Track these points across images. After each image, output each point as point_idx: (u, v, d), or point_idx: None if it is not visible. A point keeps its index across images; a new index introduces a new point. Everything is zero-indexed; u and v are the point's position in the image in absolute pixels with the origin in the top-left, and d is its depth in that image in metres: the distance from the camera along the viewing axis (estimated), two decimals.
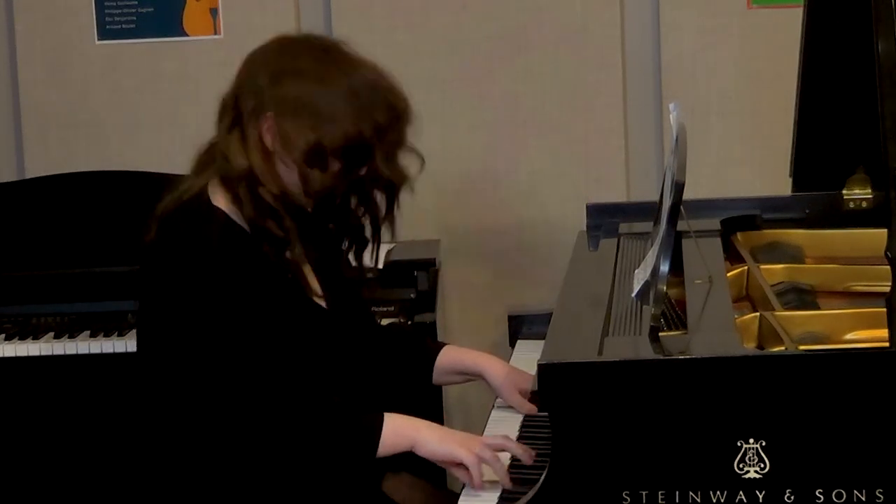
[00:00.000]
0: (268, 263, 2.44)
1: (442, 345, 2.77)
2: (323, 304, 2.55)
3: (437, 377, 2.73)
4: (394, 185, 2.55)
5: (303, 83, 2.43)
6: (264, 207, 2.44)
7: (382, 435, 2.38)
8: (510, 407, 2.68)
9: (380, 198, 2.59)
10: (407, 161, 2.56)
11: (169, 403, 2.41)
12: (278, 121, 2.42)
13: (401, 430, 2.39)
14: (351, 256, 2.67)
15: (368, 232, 2.63)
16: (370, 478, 2.56)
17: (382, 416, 2.40)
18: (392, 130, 2.48)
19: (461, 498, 2.31)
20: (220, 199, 2.46)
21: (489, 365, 2.72)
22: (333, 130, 2.41)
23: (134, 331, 3.57)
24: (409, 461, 2.49)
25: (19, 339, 3.62)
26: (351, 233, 2.62)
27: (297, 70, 2.44)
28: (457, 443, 2.37)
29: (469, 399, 3.90)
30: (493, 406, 2.72)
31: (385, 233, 2.66)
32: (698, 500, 2.11)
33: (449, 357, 2.73)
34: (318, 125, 2.41)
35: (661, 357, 2.20)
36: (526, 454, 2.35)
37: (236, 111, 2.47)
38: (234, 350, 2.37)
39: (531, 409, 2.62)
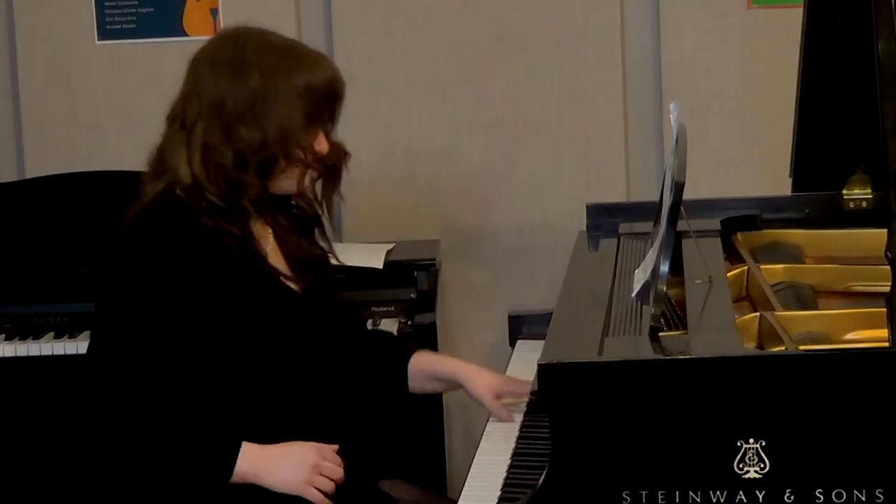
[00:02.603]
0: (233, 256, 2.44)
1: (414, 349, 2.72)
2: (295, 287, 2.55)
3: (414, 384, 2.70)
4: (335, 166, 2.55)
5: (235, 80, 2.44)
6: (216, 209, 2.44)
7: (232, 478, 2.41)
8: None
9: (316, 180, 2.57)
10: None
11: (101, 398, 2.42)
12: (221, 116, 2.43)
13: (249, 479, 2.41)
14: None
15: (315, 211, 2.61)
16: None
17: (234, 458, 2.40)
18: (326, 112, 2.50)
19: (461, 499, 2.31)
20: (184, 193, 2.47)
21: (467, 372, 2.68)
22: (270, 123, 2.42)
23: None
24: (404, 466, 2.50)
25: (19, 339, 3.62)
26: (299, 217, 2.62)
27: (228, 66, 2.45)
28: (302, 489, 2.42)
29: (469, 399, 3.90)
30: None
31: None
32: (698, 500, 2.11)
33: (421, 361, 2.70)
34: (258, 120, 2.43)
35: (661, 357, 2.20)
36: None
37: (183, 114, 2.48)
38: (150, 358, 2.38)
39: (507, 416, 2.61)
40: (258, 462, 2.41)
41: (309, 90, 2.45)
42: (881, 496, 2.10)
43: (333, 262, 2.66)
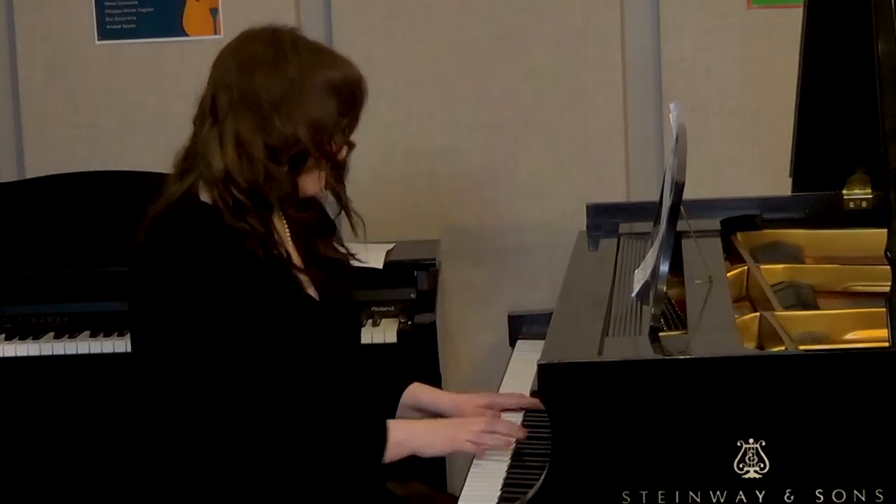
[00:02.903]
0: (257, 259, 2.44)
1: (408, 383, 2.73)
2: (314, 295, 2.55)
3: (398, 412, 2.71)
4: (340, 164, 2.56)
5: (271, 73, 2.45)
6: (243, 207, 2.44)
7: (386, 451, 2.42)
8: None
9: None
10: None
11: (166, 405, 2.41)
12: (254, 109, 2.43)
13: (400, 448, 2.43)
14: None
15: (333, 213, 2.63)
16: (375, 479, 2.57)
17: (385, 428, 2.42)
18: (355, 112, 2.52)
19: (461, 499, 2.31)
20: (208, 197, 2.47)
21: (448, 398, 2.70)
22: (303, 117, 2.43)
23: None
24: (406, 466, 2.50)
25: (19, 339, 3.62)
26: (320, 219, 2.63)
27: (262, 60, 2.47)
28: (455, 440, 2.43)
29: None
30: None
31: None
32: (698, 500, 2.11)
33: (409, 395, 2.71)
34: (292, 113, 2.43)
35: (661, 357, 2.20)
36: (520, 431, 2.45)
37: (213, 110, 2.47)
38: (227, 353, 2.37)
39: (495, 415, 2.61)
40: (403, 430, 2.44)
41: (341, 86, 2.48)
42: (881, 496, 2.10)
43: (354, 263, 2.68)
